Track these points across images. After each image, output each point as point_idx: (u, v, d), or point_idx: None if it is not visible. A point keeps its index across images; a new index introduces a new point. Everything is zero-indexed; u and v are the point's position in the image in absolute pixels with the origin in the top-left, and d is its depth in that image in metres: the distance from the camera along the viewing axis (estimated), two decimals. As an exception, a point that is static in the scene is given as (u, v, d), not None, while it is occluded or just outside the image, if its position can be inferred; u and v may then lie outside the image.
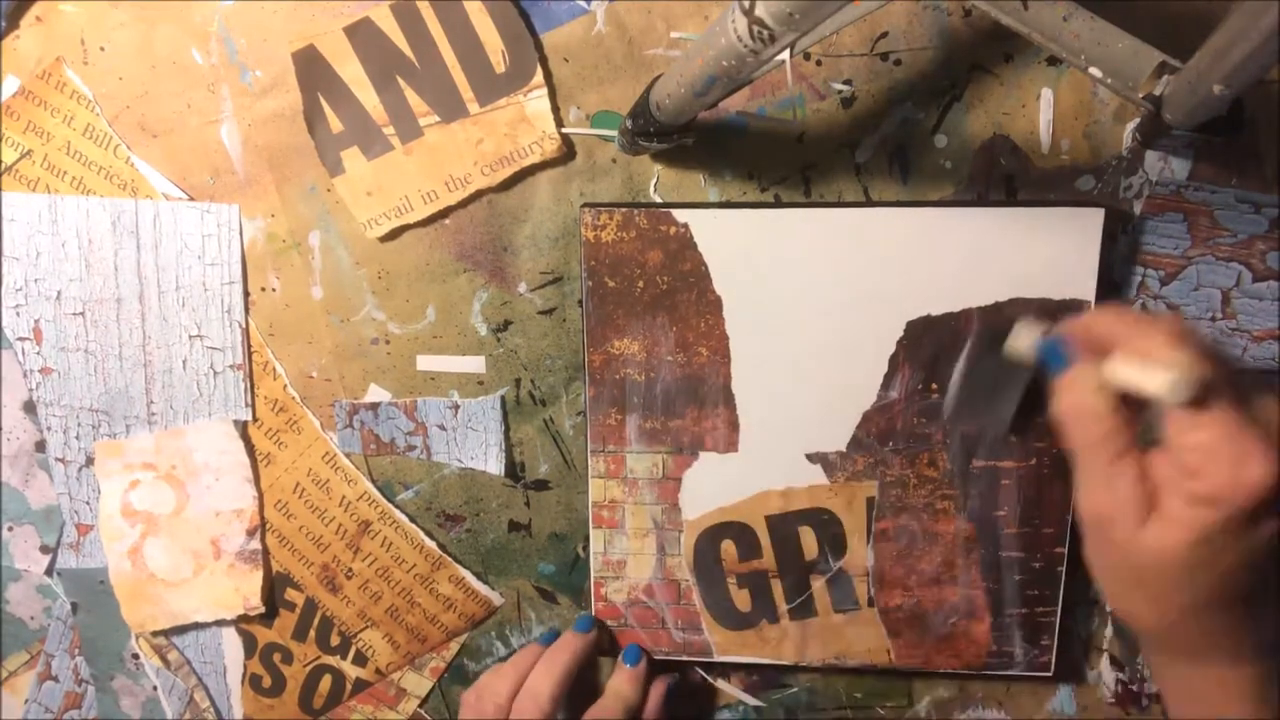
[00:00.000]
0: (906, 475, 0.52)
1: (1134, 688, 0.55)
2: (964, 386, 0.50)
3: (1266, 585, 0.37)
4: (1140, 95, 0.42)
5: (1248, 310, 0.49)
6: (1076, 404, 0.38)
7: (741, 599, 0.54)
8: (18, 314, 0.55)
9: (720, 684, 0.58)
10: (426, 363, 0.54)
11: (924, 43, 0.48)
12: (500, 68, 0.50)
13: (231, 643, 0.59)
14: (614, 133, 0.50)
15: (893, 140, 0.49)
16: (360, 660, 0.59)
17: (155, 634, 0.59)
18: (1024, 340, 0.43)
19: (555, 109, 0.50)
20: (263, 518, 0.57)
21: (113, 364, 0.55)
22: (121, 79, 0.52)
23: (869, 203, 0.50)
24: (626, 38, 0.49)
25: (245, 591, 0.57)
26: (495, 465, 0.55)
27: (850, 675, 0.57)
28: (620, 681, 0.55)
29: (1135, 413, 0.37)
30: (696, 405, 0.52)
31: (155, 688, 0.61)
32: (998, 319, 0.49)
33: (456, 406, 0.54)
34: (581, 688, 0.55)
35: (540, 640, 0.56)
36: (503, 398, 0.54)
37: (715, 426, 0.52)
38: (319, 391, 0.55)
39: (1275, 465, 0.33)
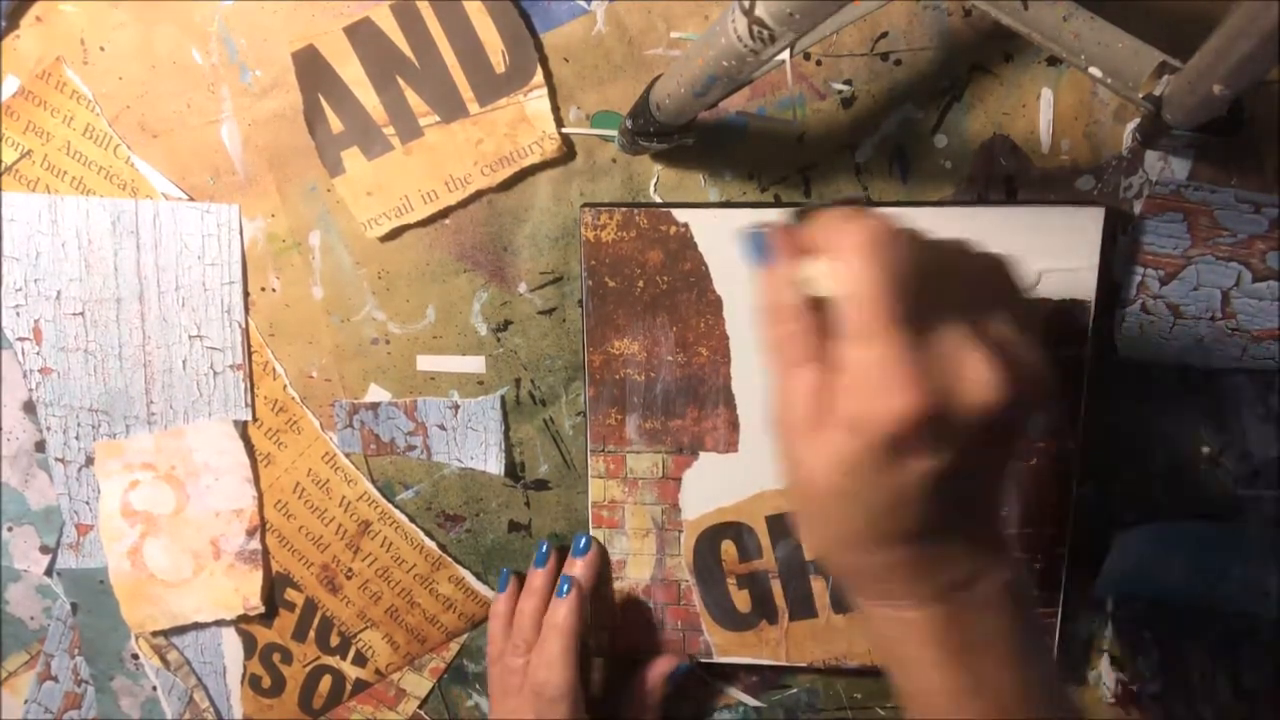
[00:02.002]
0: (906, 475, 0.52)
1: (1134, 688, 0.55)
2: None
3: (942, 524, 0.34)
4: (1140, 95, 0.42)
5: (1248, 310, 0.49)
6: (768, 301, 0.35)
7: (741, 599, 0.54)
8: (18, 314, 0.55)
9: (720, 685, 0.58)
10: (426, 363, 0.54)
11: (924, 43, 0.48)
12: (500, 68, 0.50)
13: (231, 643, 0.59)
14: (614, 133, 0.50)
15: (893, 140, 0.49)
16: (360, 660, 0.59)
17: (155, 634, 0.59)
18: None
19: (555, 109, 0.50)
20: (263, 518, 0.57)
21: (113, 364, 0.55)
22: (121, 79, 0.52)
23: (869, 203, 0.50)
24: (626, 38, 0.49)
25: (245, 591, 0.57)
26: (495, 465, 0.55)
27: (850, 676, 0.57)
28: (554, 614, 0.52)
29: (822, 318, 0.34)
30: (697, 405, 0.52)
31: (155, 688, 0.61)
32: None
33: (456, 406, 0.54)
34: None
35: (536, 564, 0.55)
36: (503, 398, 0.54)
37: (715, 426, 0.52)
38: (319, 391, 0.55)
39: (920, 399, 0.30)
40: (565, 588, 0.52)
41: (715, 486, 0.53)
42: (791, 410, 0.34)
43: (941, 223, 0.48)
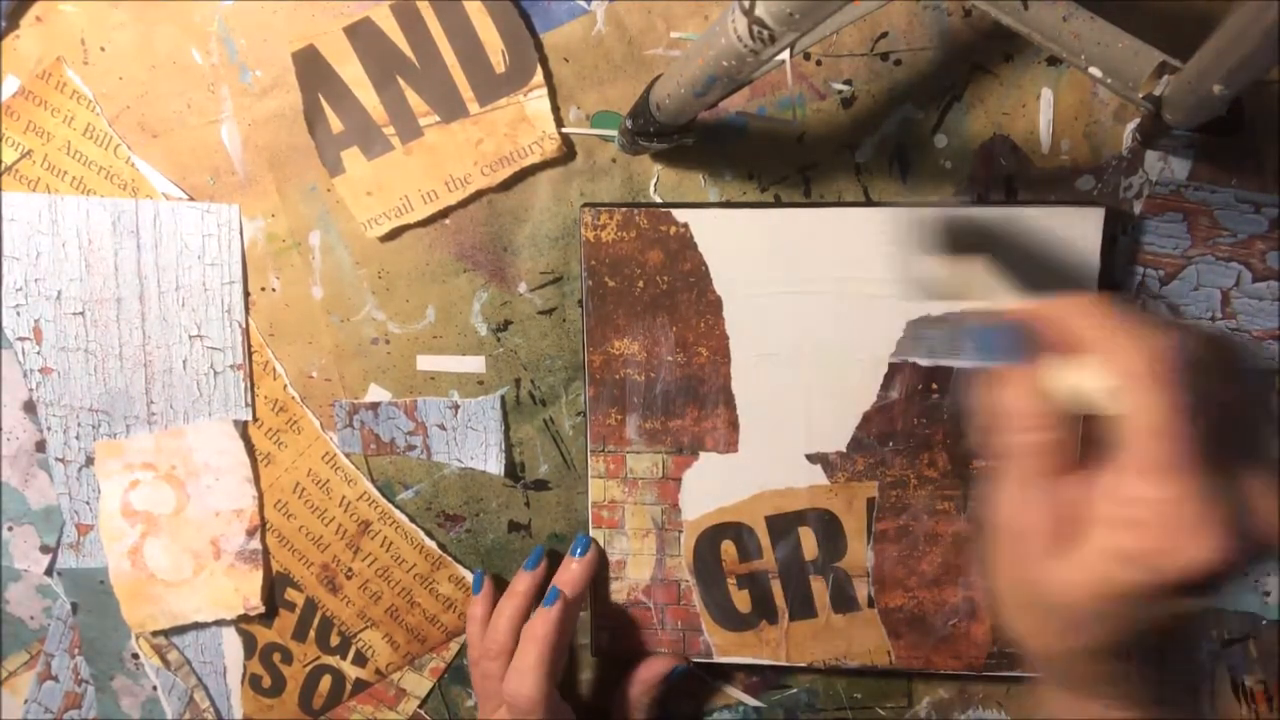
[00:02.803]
0: (907, 476, 0.52)
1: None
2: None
3: (1171, 644, 0.34)
4: (1140, 95, 0.42)
5: (1248, 310, 0.49)
6: (1017, 403, 0.34)
7: (741, 600, 0.54)
8: (18, 314, 0.55)
9: (719, 685, 0.58)
10: (426, 363, 0.54)
11: (924, 43, 0.48)
12: (500, 68, 0.50)
13: (231, 643, 0.59)
14: (614, 133, 0.50)
15: (893, 140, 0.49)
16: (360, 660, 0.59)
17: (155, 634, 0.59)
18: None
19: (555, 109, 0.50)
20: (263, 518, 0.57)
21: (113, 364, 0.55)
22: (121, 79, 0.52)
23: (869, 203, 0.50)
24: (626, 38, 0.49)
25: (245, 591, 0.57)
26: (495, 465, 0.55)
27: (850, 676, 0.57)
28: (534, 625, 0.51)
29: (1077, 428, 0.33)
30: (696, 405, 0.52)
31: (155, 688, 0.61)
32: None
33: (456, 406, 0.54)
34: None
35: (526, 566, 0.54)
36: (503, 398, 0.54)
37: (715, 426, 0.52)
38: (319, 391, 0.55)
39: (1227, 549, 0.29)
40: (552, 598, 0.52)
41: (715, 486, 0.53)
42: (1036, 524, 0.33)
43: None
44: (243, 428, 0.56)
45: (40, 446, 0.58)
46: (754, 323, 0.51)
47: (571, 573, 0.53)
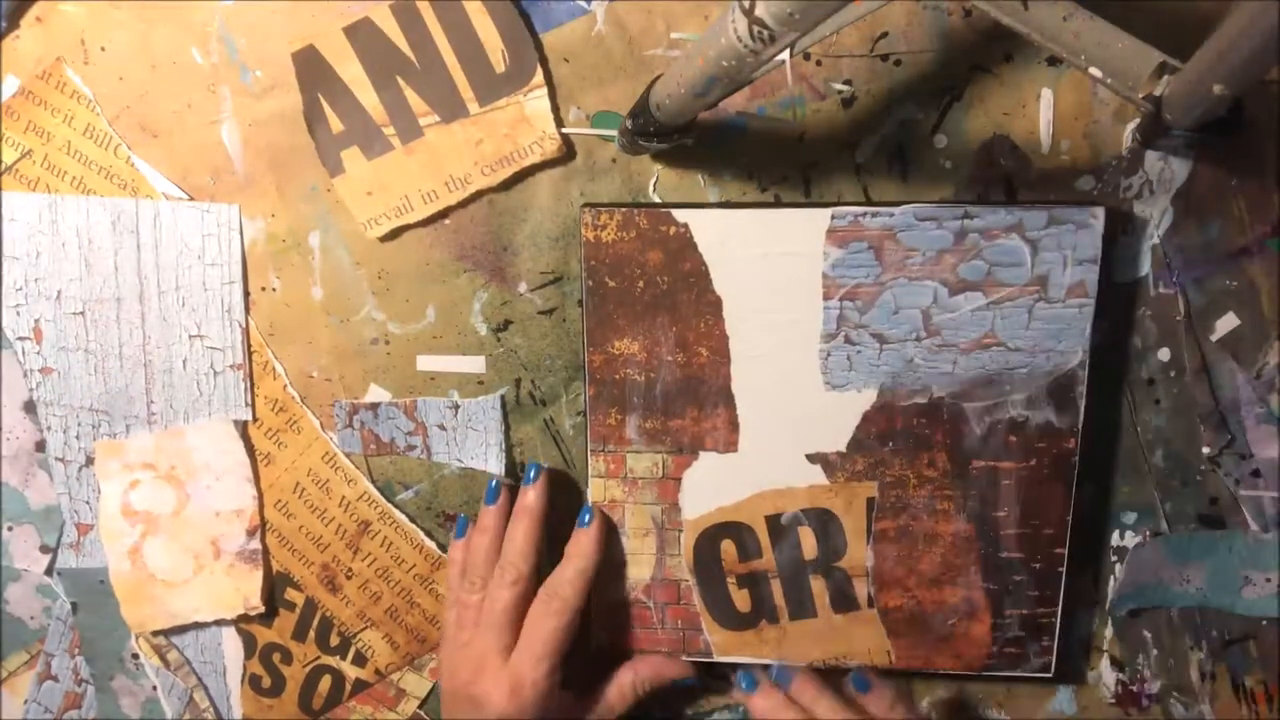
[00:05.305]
0: (906, 475, 0.52)
1: (1134, 688, 0.55)
2: None
3: None
4: (1140, 95, 0.42)
5: (949, 325, 0.49)
6: None
7: (741, 599, 0.54)
8: (18, 314, 0.55)
9: (719, 685, 0.57)
10: (426, 363, 0.54)
11: (924, 43, 0.48)
12: (500, 68, 0.50)
13: (231, 643, 0.59)
14: (614, 133, 0.50)
15: (893, 140, 0.49)
16: (360, 660, 0.59)
17: (155, 634, 0.59)
18: None
19: (555, 109, 0.50)
20: (263, 518, 0.57)
21: (113, 364, 0.55)
22: (121, 79, 0.52)
23: (869, 203, 0.50)
24: (626, 38, 0.49)
25: (245, 591, 0.57)
26: (495, 465, 0.55)
27: (850, 675, 0.57)
28: (576, 543, 0.53)
29: None
30: (696, 405, 0.52)
31: (155, 688, 0.61)
32: None
33: (456, 406, 0.54)
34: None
35: (486, 500, 0.54)
36: (503, 398, 0.54)
37: (715, 426, 0.52)
38: (319, 391, 0.55)
39: None
40: (532, 473, 0.53)
41: (715, 486, 0.53)
42: None
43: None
44: (243, 428, 0.56)
45: (40, 446, 0.58)
46: (754, 323, 0.51)
47: (529, 497, 0.53)
